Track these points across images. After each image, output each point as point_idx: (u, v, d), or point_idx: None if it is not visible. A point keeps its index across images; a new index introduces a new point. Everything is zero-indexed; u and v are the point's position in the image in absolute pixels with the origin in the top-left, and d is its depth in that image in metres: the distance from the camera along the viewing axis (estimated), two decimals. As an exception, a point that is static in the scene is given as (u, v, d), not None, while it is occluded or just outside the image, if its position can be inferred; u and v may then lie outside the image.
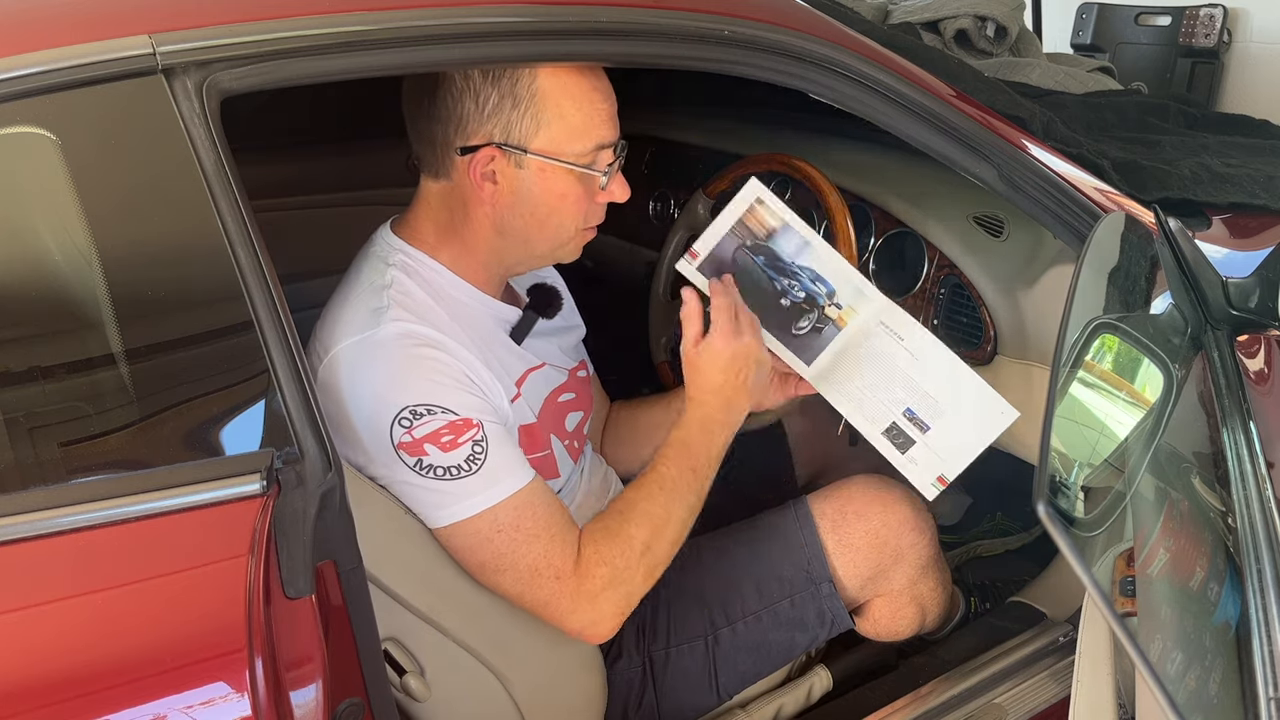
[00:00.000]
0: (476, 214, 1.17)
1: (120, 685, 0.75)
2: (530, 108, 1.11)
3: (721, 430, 1.24)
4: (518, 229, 1.17)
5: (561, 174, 1.14)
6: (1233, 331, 1.27)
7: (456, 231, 1.19)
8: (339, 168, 2.02)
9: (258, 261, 0.86)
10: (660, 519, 1.19)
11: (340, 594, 0.90)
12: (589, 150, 1.14)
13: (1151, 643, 0.87)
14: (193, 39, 0.87)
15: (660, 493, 1.20)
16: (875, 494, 1.39)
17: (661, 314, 1.84)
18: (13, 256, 0.84)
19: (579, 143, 1.13)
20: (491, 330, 1.22)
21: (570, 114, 1.12)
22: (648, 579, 1.18)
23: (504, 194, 1.15)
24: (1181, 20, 3.14)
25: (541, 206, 1.16)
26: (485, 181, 1.14)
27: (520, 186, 1.15)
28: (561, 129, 1.12)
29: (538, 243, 1.19)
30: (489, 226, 1.18)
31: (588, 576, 1.14)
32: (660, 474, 1.21)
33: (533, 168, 1.13)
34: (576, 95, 1.12)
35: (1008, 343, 1.43)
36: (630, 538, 1.17)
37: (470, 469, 1.09)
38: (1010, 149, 1.27)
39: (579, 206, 1.17)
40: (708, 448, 1.23)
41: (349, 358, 1.10)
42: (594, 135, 1.14)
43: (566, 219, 1.18)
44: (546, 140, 1.12)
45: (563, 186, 1.15)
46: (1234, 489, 1.08)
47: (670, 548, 1.20)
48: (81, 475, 0.83)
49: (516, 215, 1.16)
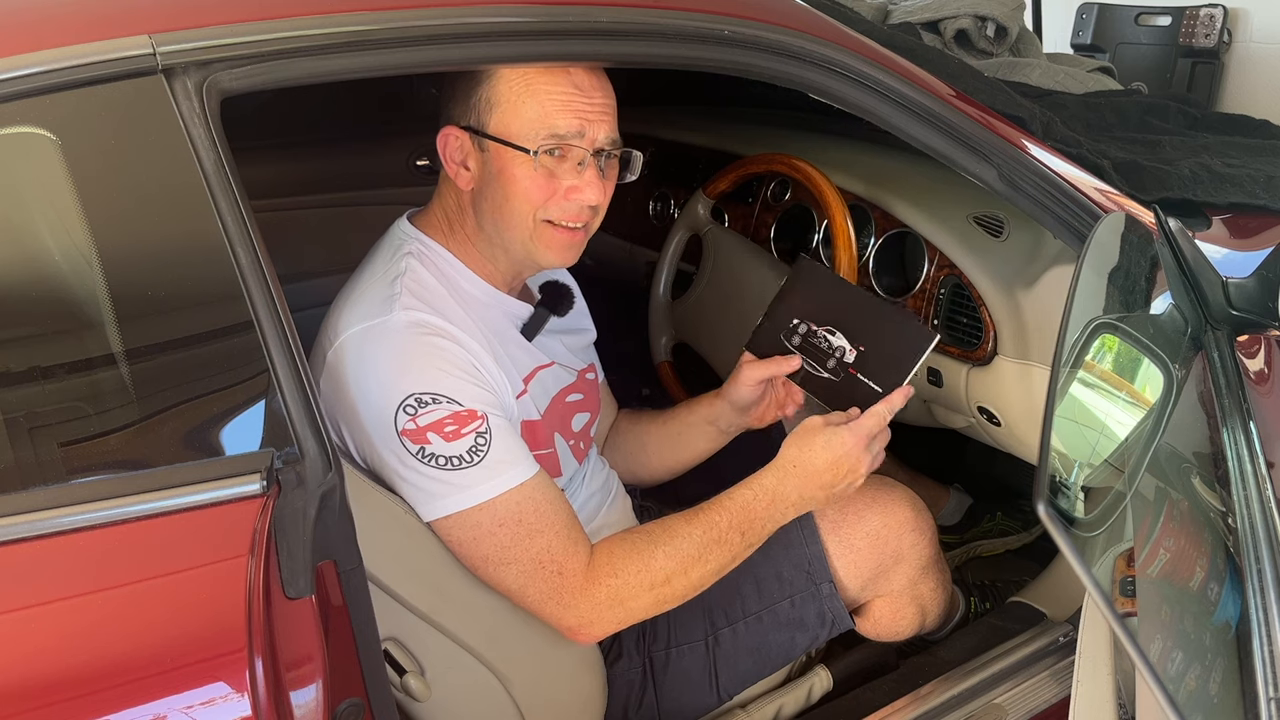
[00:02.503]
0: (463, 202, 1.19)
1: (120, 685, 0.75)
2: (489, 91, 1.12)
3: (786, 511, 1.21)
4: (486, 215, 1.17)
5: (517, 159, 1.13)
6: (1233, 331, 1.27)
7: (455, 221, 1.21)
8: (339, 168, 2.02)
9: (258, 261, 0.86)
10: (689, 560, 1.17)
11: (340, 594, 0.89)
12: (541, 136, 1.12)
13: (1151, 643, 0.87)
14: (193, 39, 0.87)
15: (702, 536, 1.17)
16: (876, 495, 1.39)
17: (661, 314, 1.84)
18: (13, 256, 0.84)
19: (531, 127, 1.12)
20: (502, 325, 1.23)
21: (522, 98, 1.11)
22: (653, 606, 1.17)
23: (476, 180, 1.16)
24: (1181, 20, 3.14)
25: (499, 191, 1.15)
26: (460, 168, 1.16)
27: (485, 172, 1.15)
28: (512, 112, 1.12)
29: (507, 232, 1.17)
30: (472, 216, 1.19)
31: (595, 582, 1.14)
32: (711, 520, 1.18)
33: (492, 151, 1.14)
34: (531, 80, 1.11)
35: (1008, 343, 1.43)
36: (651, 561, 1.15)
37: (472, 460, 1.09)
38: (1010, 149, 1.27)
39: (531, 194, 1.14)
40: (766, 520, 1.20)
41: (359, 343, 1.11)
42: (549, 122, 1.12)
43: (521, 205, 1.14)
44: (499, 122, 1.12)
45: (514, 170, 1.13)
46: (1234, 489, 1.08)
47: (687, 591, 1.18)
48: (82, 475, 0.83)
49: (484, 200, 1.17)
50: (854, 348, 1.27)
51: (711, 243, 1.78)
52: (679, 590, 1.18)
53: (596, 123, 1.14)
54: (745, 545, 1.20)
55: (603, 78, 1.16)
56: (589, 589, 1.14)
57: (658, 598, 1.17)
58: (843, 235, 1.47)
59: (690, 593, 1.19)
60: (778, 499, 1.20)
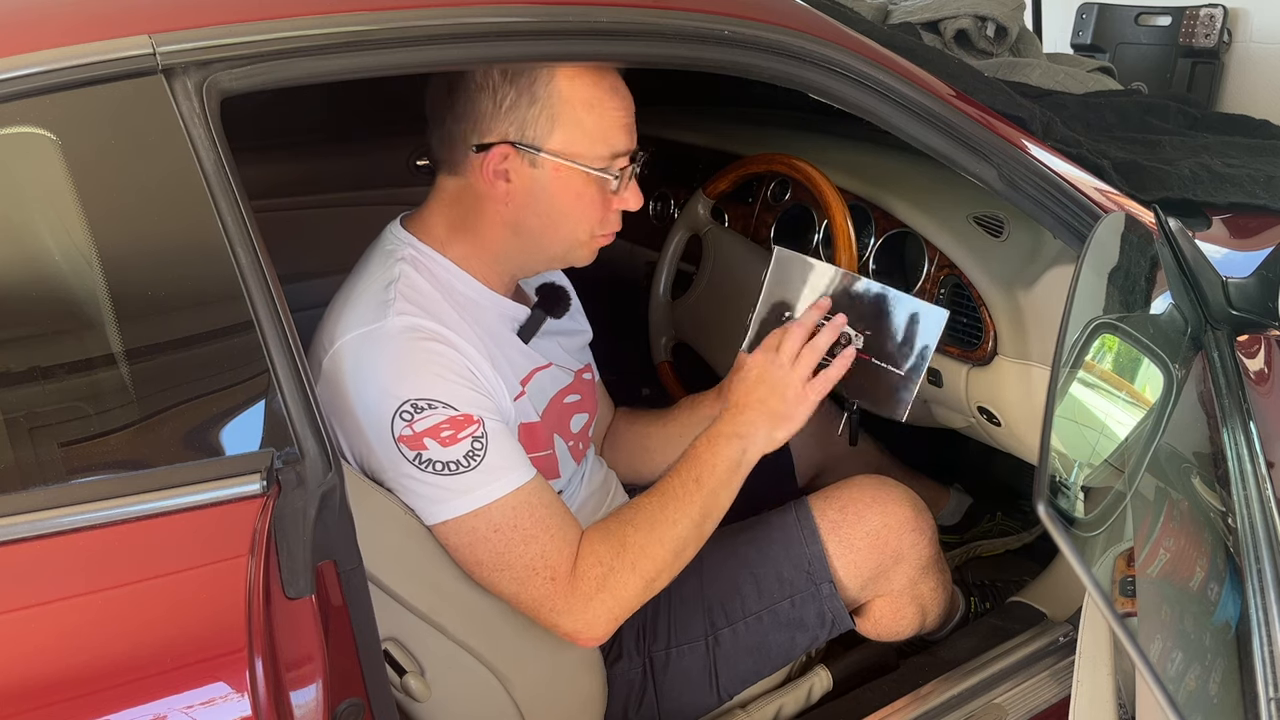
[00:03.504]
0: (489, 211, 1.18)
1: (120, 685, 0.75)
2: (547, 108, 1.12)
3: (727, 442, 1.23)
4: (532, 229, 1.18)
5: (576, 176, 1.14)
6: (1233, 331, 1.27)
7: (469, 228, 1.20)
8: (339, 168, 2.02)
9: (258, 261, 0.86)
10: (659, 525, 1.18)
11: (340, 594, 0.89)
12: (604, 155, 1.15)
13: (1151, 643, 0.87)
14: (193, 39, 0.87)
15: (661, 499, 1.20)
16: (876, 494, 1.39)
17: (662, 314, 1.84)
18: (13, 256, 0.84)
19: (595, 146, 1.14)
20: (499, 328, 1.23)
21: (586, 117, 1.13)
22: (643, 587, 1.17)
23: (518, 193, 1.16)
24: (1181, 20, 3.14)
25: (555, 208, 1.16)
26: (498, 180, 1.15)
27: (535, 186, 1.15)
28: (578, 131, 1.13)
29: (550, 244, 1.20)
30: (501, 225, 1.18)
31: (582, 576, 1.14)
32: (664, 483, 1.22)
33: (547, 168, 1.14)
34: (593, 99, 1.13)
35: (1008, 343, 1.43)
36: (625, 539, 1.17)
37: (469, 465, 1.09)
38: (1010, 149, 1.27)
39: (592, 210, 1.18)
40: (711, 457, 1.22)
41: (354, 350, 1.11)
42: (610, 141, 1.15)
43: (579, 222, 1.18)
44: (562, 141, 1.13)
45: (577, 188, 1.15)
46: (1234, 489, 1.08)
47: (670, 556, 1.19)
48: (82, 475, 0.83)
49: (531, 214, 1.17)
50: (859, 332, 1.27)
51: (711, 243, 1.78)
52: (662, 557, 1.18)
53: (635, 132, 1.18)
54: (707, 488, 1.21)
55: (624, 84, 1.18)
56: (578, 585, 1.14)
57: (644, 574, 1.17)
58: (843, 235, 1.46)
59: (676, 557, 1.19)
60: (715, 437, 1.24)
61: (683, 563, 1.21)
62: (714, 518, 1.23)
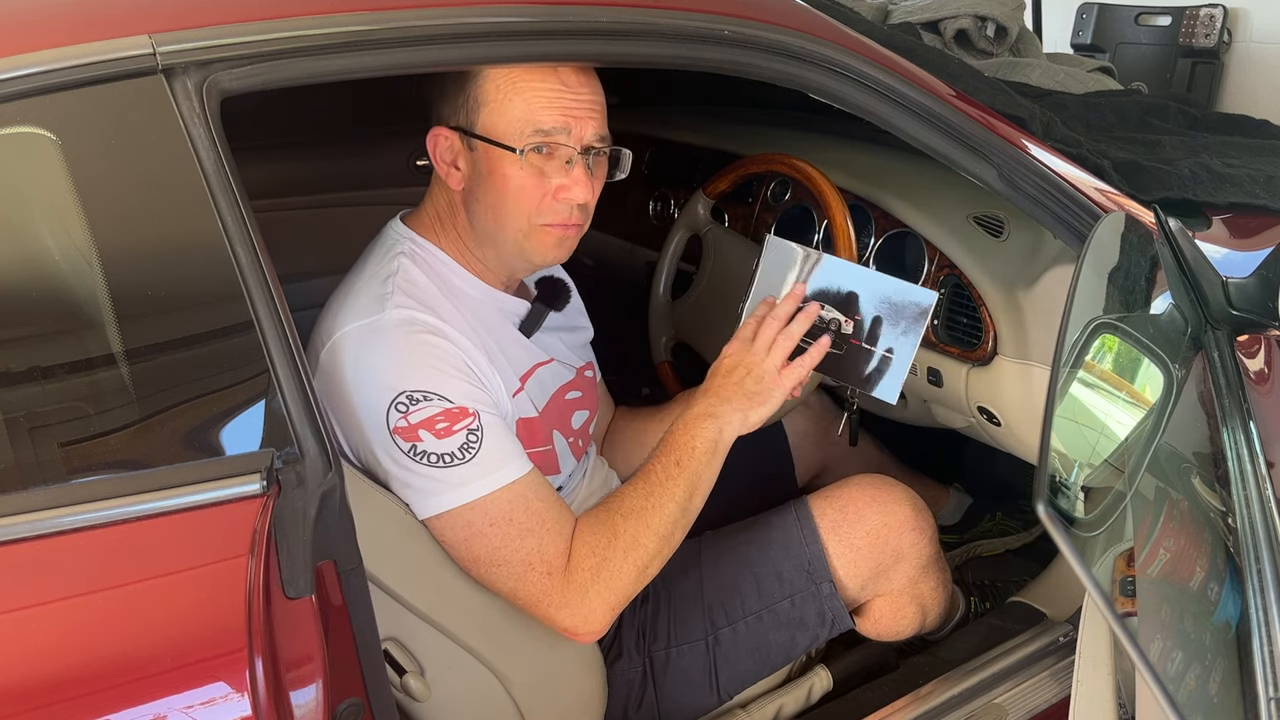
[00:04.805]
0: (455, 202, 1.19)
1: (120, 685, 0.75)
2: (475, 90, 1.12)
3: (701, 423, 1.23)
4: (480, 216, 1.18)
5: (505, 159, 1.12)
6: (1233, 331, 1.27)
7: (447, 220, 1.21)
8: (339, 168, 2.02)
9: (258, 261, 0.86)
10: (647, 511, 1.18)
11: (340, 594, 0.89)
12: (526, 134, 1.12)
13: (1151, 643, 0.87)
14: (193, 39, 0.87)
15: (646, 485, 1.20)
16: (876, 494, 1.39)
17: (661, 314, 1.84)
18: (13, 256, 0.84)
19: (515, 125, 1.12)
20: (498, 323, 1.23)
21: (508, 96, 1.11)
22: (636, 574, 1.17)
23: (467, 180, 1.17)
24: (1181, 20, 3.14)
25: (493, 193, 1.15)
26: (451, 168, 1.16)
27: (475, 171, 1.16)
28: (499, 110, 1.12)
29: (502, 234, 1.18)
30: (465, 215, 1.19)
31: (576, 569, 1.14)
32: (646, 469, 1.22)
33: (480, 151, 1.14)
34: (516, 76, 1.11)
35: (1008, 343, 1.43)
36: (615, 527, 1.17)
37: (464, 457, 1.09)
38: (1010, 149, 1.27)
39: (526, 196, 1.14)
40: (689, 440, 1.22)
41: (352, 342, 1.11)
42: (532, 119, 1.11)
43: (517, 208, 1.15)
44: (487, 122, 1.12)
45: (505, 171, 1.13)
46: (1234, 489, 1.08)
47: (660, 542, 1.18)
48: (82, 475, 0.83)
49: (478, 202, 1.17)
50: (849, 319, 1.27)
51: (711, 243, 1.78)
52: (652, 543, 1.18)
53: (584, 120, 1.13)
54: (689, 471, 1.21)
55: (590, 75, 1.16)
56: (573, 578, 1.14)
57: (636, 561, 1.16)
58: (843, 235, 1.46)
59: (666, 542, 1.19)
60: (690, 420, 1.23)
61: (672, 547, 1.21)
62: (698, 499, 1.22)
